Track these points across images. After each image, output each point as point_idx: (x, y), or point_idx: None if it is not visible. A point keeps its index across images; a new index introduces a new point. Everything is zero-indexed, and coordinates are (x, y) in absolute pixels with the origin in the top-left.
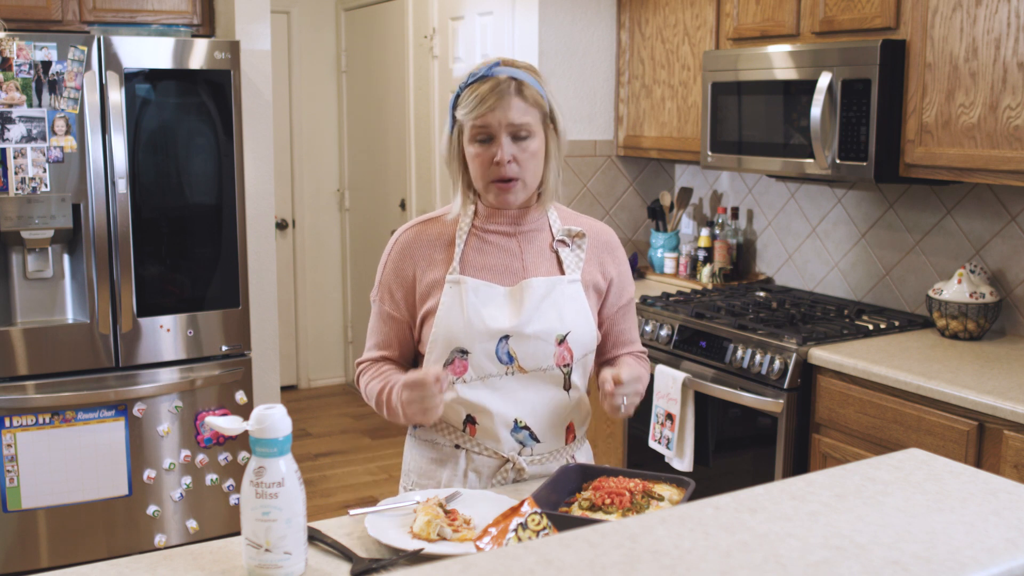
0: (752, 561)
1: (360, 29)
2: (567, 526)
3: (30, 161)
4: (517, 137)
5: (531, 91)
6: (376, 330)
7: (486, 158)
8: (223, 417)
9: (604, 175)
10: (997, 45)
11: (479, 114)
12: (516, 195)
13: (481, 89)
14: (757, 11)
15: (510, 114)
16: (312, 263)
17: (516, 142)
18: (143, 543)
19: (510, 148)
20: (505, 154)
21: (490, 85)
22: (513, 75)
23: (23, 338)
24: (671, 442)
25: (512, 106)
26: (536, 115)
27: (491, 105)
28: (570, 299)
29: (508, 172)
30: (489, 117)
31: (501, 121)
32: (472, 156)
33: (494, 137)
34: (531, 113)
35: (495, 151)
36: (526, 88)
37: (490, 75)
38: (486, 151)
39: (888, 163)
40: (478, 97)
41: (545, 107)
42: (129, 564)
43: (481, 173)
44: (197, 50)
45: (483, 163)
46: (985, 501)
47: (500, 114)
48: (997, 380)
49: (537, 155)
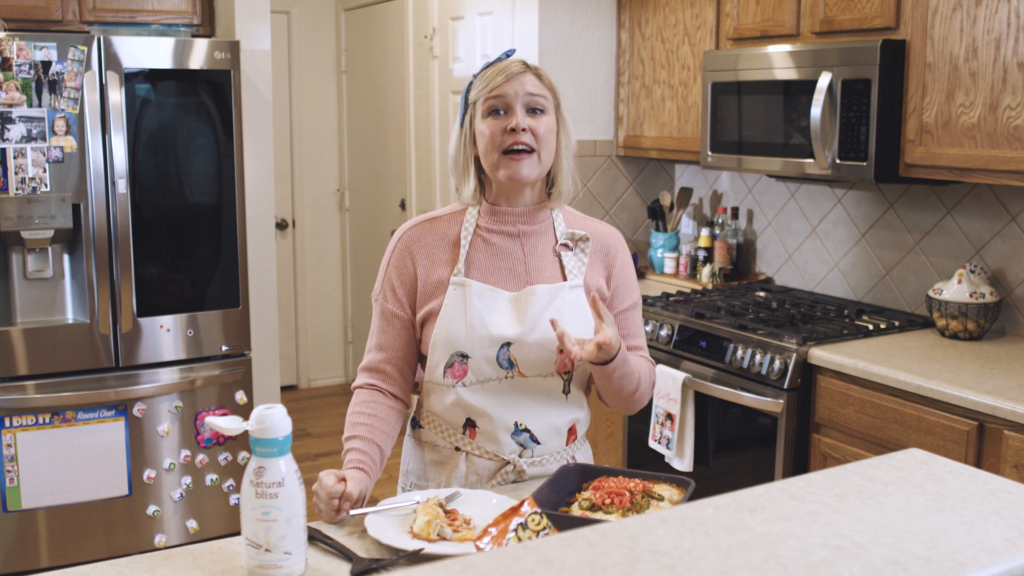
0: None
1: (360, 29)
2: (567, 526)
3: (30, 161)
4: (532, 110)
5: (544, 75)
6: (377, 330)
7: (499, 128)
8: (223, 417)
9: (604, 175)
10: (997, 45)
11: (495, 85)
12: (530, 168)
13: (492, 70)
14: (757, 11)
15: (526, 86)
16: (312, 263)
17: (531, 115)
18: (143, 543)
19: (526, 118)
20: (521, 122)
21: (502, 66)
22: (526, 62)
23: (23, 338)
24: (671, 442)
25: (527, 80)
26: (550, 98)
27: (507, 76)
28: (572, 305)
29: (523, 139)
30: (505, 87)
31: (517, 91)
32: (484, 132)
33: (509, 108)
34: (545, 93)
35: (510, 120)
36: (540, 71)
37: (503, 59)
38: (500, 122)
39: (888, 163)
40: (490, 76)
41: (557, 95)
42: (129, 564)
43: (493, 145)
44: (197, 50)
45: (496, 134)
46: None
47: (516, 85)
48: (997, 380)
49: (552, 132)
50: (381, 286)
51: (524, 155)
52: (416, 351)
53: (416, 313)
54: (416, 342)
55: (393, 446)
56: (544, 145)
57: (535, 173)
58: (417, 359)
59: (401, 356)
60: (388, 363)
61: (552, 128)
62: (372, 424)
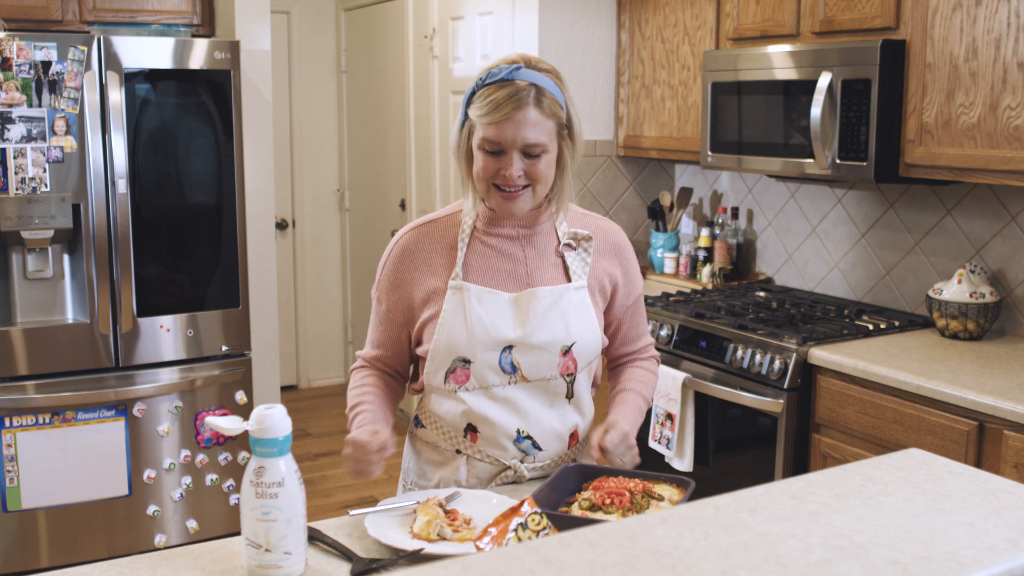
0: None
1: (360, 29)
2: (567, 526)
3: (30, 161)
4: (529, 155)
5: (549, 100)
6: (375, 327)
7: (493, 168)
8: (223, 417)
9: (604, 175)
10: (997, 45)
11: (491, 121)
12: (522, 204)
13: (498, 95)
14: (757, 11)
15: (523, 131)
16: (312, 263)
17: (528, 158)
18: (143, 543)
19: (520, 163)
20: (514, 171)
21: (508, 92)
22: (534, 81)
23: (23, 338)
24: (671, 442)
25: (527, 120)
26: (551, 127)
27: (506, 114)
28: (576, 307)
29: (516, 183)
30: (502, 130)
31: (514, 139)
32: (478, 163)
33: (505, 152)
34: (546, 127)
35: (504, 166)
36: (545, 97)
37: (510, 80)
38: (494, 162)
39: (888, 163)
40: (494, 103)
41: (562, 116)
42: (129, 564)
43: (486, 175)
44: (197, 50)
45: (489, 170)
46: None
47: (513, 130)
48: (997, 380)
49: (549, 167)
50: (379, 287)
51: (517, 194)
52: (410, 353)
53: (411, 319)
54: (410, 346)
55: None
56: (541, 181)
57: (528, 206)
58: (412, 360)
59: (398, 352)
60: (386, 357)
61: (551, 162)
62: (376, 394)
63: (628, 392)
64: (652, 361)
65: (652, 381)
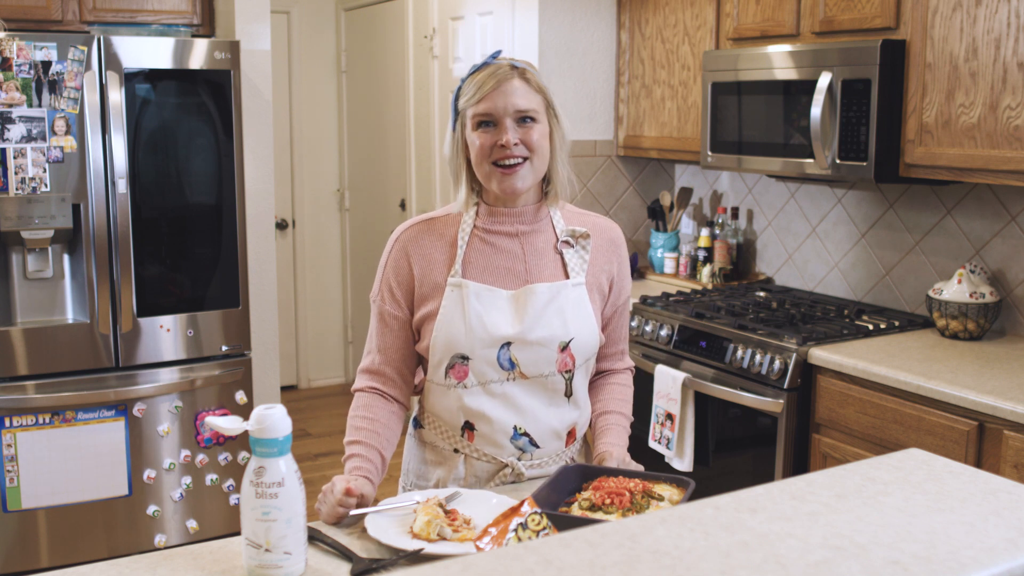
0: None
1: (360, 29)
2: (567, 526)
3: (30, 161)
4: (522, 121)
5: (532, 77)
6: (376, 332)
7: (489, 142)
8: (223, 417)
9: (604, 175)
10: (997, 45)
11: (481, 97)
12: (523, 179)
13: (481, 76)
14: (757, 11)
15: (513, 99)
16: (312, 263)
17: (521, 126)
18: (143, 543)
19: (515, 132)
20: (511, 137)
21: (490, 71)
22: (513, 63)
23: (23, 338)
24: (671, 442)
25: (515, 90)
26: (540, 101)
27: (493, 86)
28: (574, 304)
29: (514, 153)
30: (492, 100)
31: (505, 107)
32: (474, 143)
33: (498, 123)
34: (535, 98)
35: (499, 135)
36: (528, 73)
37: (490, 62)
38: (489, 136)
39: (888, 163)
40: (478, 83)
41: (548, 95)
42: (129, 564)
43: (483, 157)
44: (197, 50)
45: (486, 147)
46: (985, 501)
47: (503, 99)
48: (997, 380)
49: (545, 137)
50: (379, 287)
51: (517, 167)
52: (415, 355)
53: (414, 314)
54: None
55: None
56: (537, 151)
57: (529, 182)
58: (416, 361)
59: (400, 358)
60: (387, 365)
61: (545, 133)
62: (373, 429)
63: (611, 414)
64: (627, 374)
65: (630, 397)
